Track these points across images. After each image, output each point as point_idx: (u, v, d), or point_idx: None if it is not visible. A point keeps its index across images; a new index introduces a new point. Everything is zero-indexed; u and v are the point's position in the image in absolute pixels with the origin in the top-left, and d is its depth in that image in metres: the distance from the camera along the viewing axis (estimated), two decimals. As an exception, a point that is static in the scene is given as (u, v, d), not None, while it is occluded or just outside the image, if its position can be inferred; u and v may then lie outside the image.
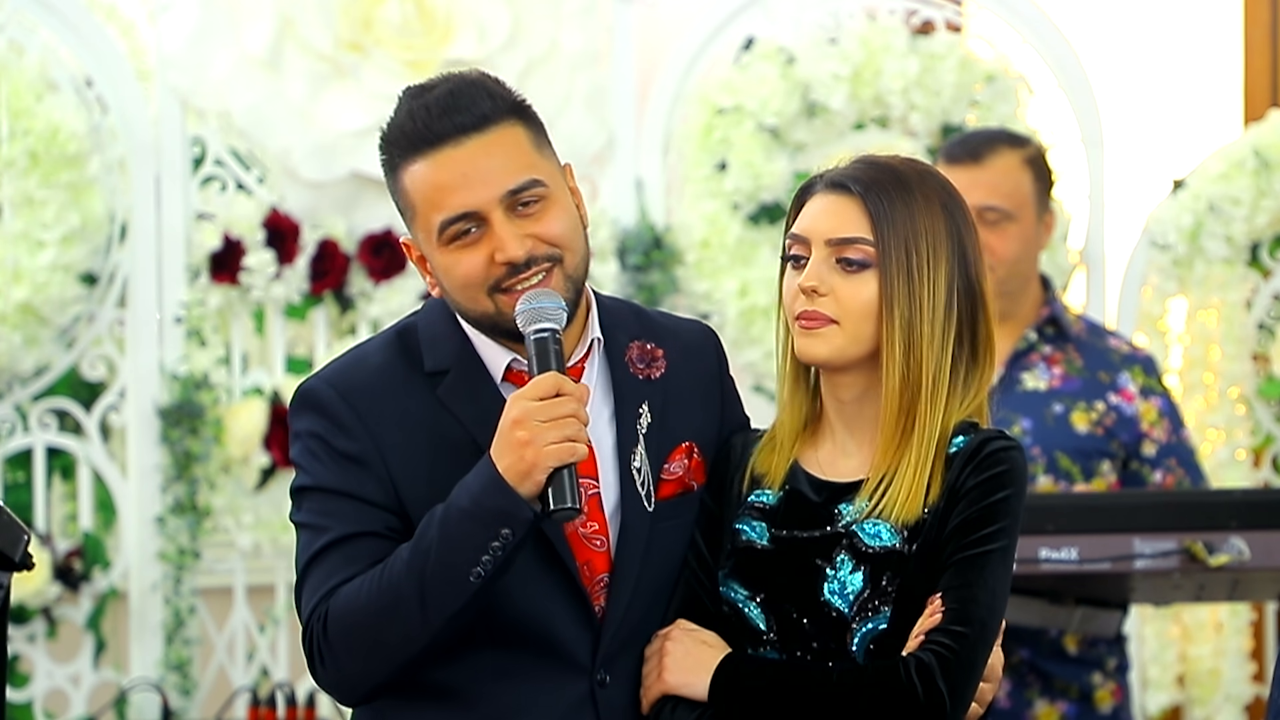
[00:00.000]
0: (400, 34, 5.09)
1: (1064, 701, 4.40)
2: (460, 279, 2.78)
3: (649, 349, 2.91)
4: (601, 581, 2.81)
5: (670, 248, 5.19)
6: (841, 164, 2.86)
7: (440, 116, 2.78)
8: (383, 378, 2.82)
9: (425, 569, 2.67)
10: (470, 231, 2.77)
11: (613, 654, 2.80)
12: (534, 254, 2.76)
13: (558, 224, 2.78)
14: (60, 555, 5.07)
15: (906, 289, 2.76)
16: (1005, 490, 2.75)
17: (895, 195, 2.79)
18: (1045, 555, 3.83)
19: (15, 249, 4.97)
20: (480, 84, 2.81)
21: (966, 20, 5.42)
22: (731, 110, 5.18)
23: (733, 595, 2.83)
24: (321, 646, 2.74)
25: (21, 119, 4.97)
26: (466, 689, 2.79)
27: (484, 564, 2.65)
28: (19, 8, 5.08)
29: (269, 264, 5.12)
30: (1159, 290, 5.26)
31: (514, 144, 2.78)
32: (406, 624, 2.68)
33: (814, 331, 2.79)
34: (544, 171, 2.79)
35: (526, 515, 2.65)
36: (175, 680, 5.08)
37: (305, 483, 2.80)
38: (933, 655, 2.68)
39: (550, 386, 2.67)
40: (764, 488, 2.86)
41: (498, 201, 2.75)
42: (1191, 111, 6.19)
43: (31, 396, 5.13)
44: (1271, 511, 3.91)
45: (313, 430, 2.80)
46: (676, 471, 2.88)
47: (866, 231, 2.78)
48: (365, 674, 2.74)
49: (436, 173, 2.78)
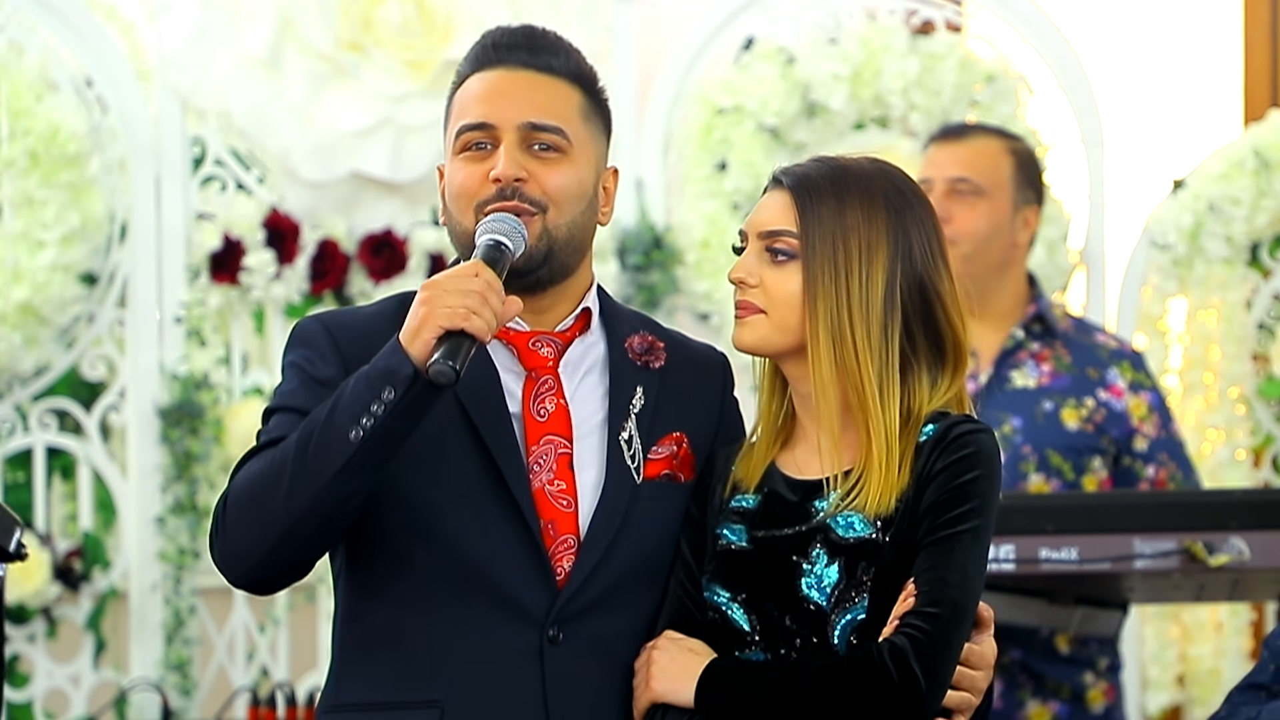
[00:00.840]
0: (400, 34, 5.09)
1: (1056, 701, 4.41)
2: (456, 187, 2.84)
3: (650, 340, 2.95)
4: (566, 542, 2.81)
5: (670, 248, 5.19)
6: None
7: (511, 47, 2.88)
8: (372, 322, 2.86)
9: (313, 431, 2.68)
10: (484, 147, 2.83)
11: (570, 615, 2.80)
12: (523, 189, 2.81)
13: (562, 178, 2.83)
14: (60, 555, 5.07)
15: (833, 283, 2.79)
16: (974, 471, 2.76)
17: (827, 190, 2.82)
18: (1045, 555, 3.83)
19: (15, 249, 4.97)
20: (565, 45, 2.91)
21: (966, 20, 5.42)
22: (731, 110, 5.18)
23: (716, 598, 2.84)
24: (219, 517, 2.76)
25: (21, 119, 4.97)
26: (416, 634, 2.79)
27: (363, 425, 2.65)
28: (19, 8, 5.08)
29: (269, 264, 5.12)
30: (1159, 290, 5.26)
31: (562, 96, 2.87)
32: (289, 485, 2.68)
33: (743, 320, 2.85)
34: (576, 136, 2.85)
35: (407, 371, 2.65)
36: (175, 680, 5.08)
37: (272, 404, 2.85)
38: (905, 638, 2.70)
39: (469, 269, 2.71)
40: (743, 492, 2.88)
41: (515, 126, 2.82)
42: (1191, 111, 6.19)
43: (31, 396, 5.13)
44: (1271, 511, 3.91)
45: (294, 361, 2.86)
46: (664, 453, 2.89)
47: (791, 224, 2.82)
48: (248, 544, 2.73)
49: (480, 85, 2.87)
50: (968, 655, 2.80)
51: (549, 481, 2.82)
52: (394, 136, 5.11)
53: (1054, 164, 5.22)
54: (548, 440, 2.83)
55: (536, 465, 2.82)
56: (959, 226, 4.35)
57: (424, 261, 5.17)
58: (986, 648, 2.84)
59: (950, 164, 4.43)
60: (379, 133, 5.11)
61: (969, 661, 2.81)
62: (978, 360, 4.40)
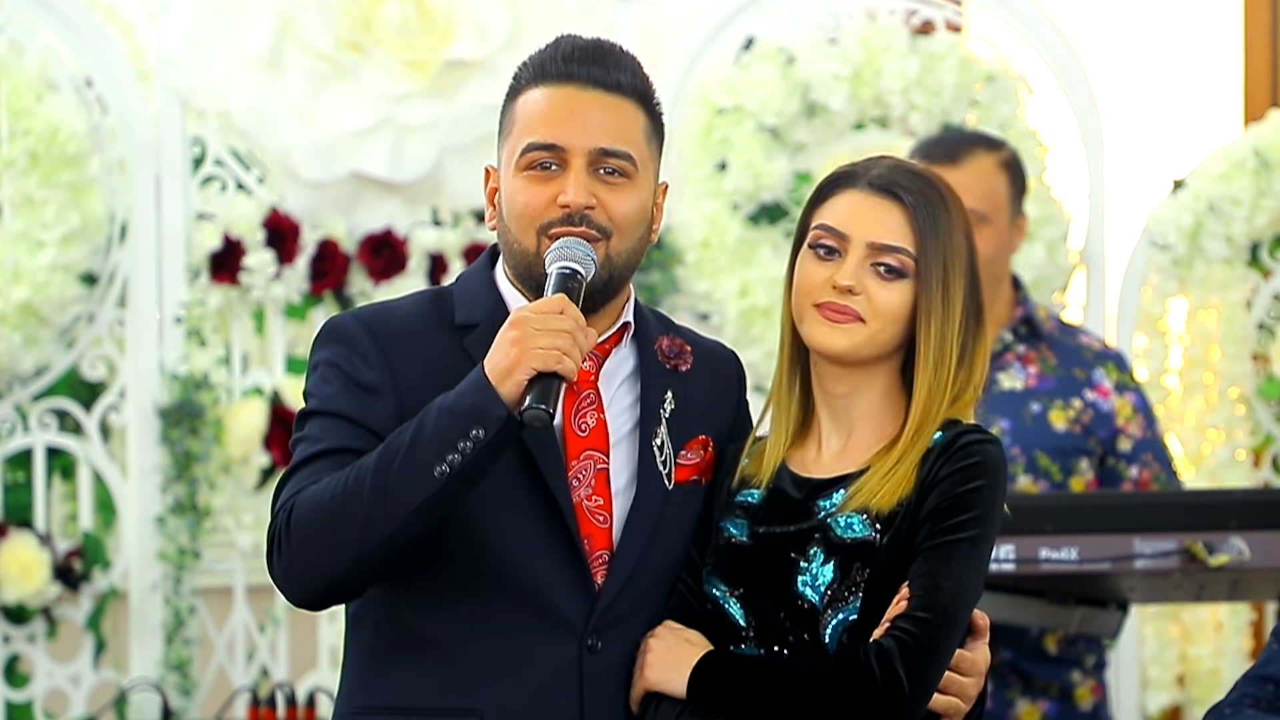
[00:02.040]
0: (400, 34, 5.09)
1: (1045, 700, 4.41)
2: (520, 206, 2.82)
3: (678, 343, 2.96)
4: (601, 558, 2.82)
5: (670, 248, 5.19)
6: (876, 165, 2.90)
7: (582, 61, 2.86)
8: (412, 322, 2.85)
9: (394, 460, 2.66)
10: (550, 167, 2.82)
11: (609, 623, 2.82)
12: (591, 216, 2.80)
13: (627, 204, 2.83)
14: (60, 555, 5.07)
15: (942, 304, 2.83)
16: (978, 481, 2.78)
17: (939, 211, 2.86)
18: (1045, 555, 3.83)
19: (15, 249, 4.97)
20: (630, 59, 2.89)
21: (966, 20, 5.42)
22: (731, 110, 5.18)
23: (714, 592, 2.86)
24: (282, 537, 2.72)
25: (21, 119, 4.97)
26: (455, 642, 2.79)
27: (450, 461, 2.64)
28: (19, 8, 5.08)
29: (269, 264, 5.12)
30: (1159, 290, 5.26)
31: (630, 119, 2.85)
32: (366, 515, 2.66)
33: (839, 325, 2.84)
34: (641, 160, 2.85)
35: (500, 413, 2.64)
36: (175, 680, 5.08)
37: (313, 406, 2.81)
38: (893, 640, 2.71)
39: (555, 304, 2.70)
40: (750, 487, 2.89)
41: (587, 151, 2.81)
42: (1191, 111, 6.19)
43: (31, 396, 5.13)
44: (1271, 511, 3.91)
45: (331, 359, 2.82)
46: (693, 459, 2.91)
47: (910, 243, 2.84)
48: (317, 565, 2.71)
49: (550, 102, 2.83)
50: (958, 661, 2.82)
51: (587, 497, 2.83)
52: (394, 136, 5.10)
53: (1054, 164, 5.22)
54: (587, 455, 2.83)
55: (576, 480, 2.83)
56: None
57: (424, 261, 5.17)
58: (979, 655, 2.86)
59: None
60: (379, 133, 5.10)
61: (959, 668, 2.82)
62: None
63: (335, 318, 2.88)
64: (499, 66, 5.06)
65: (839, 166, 2.93)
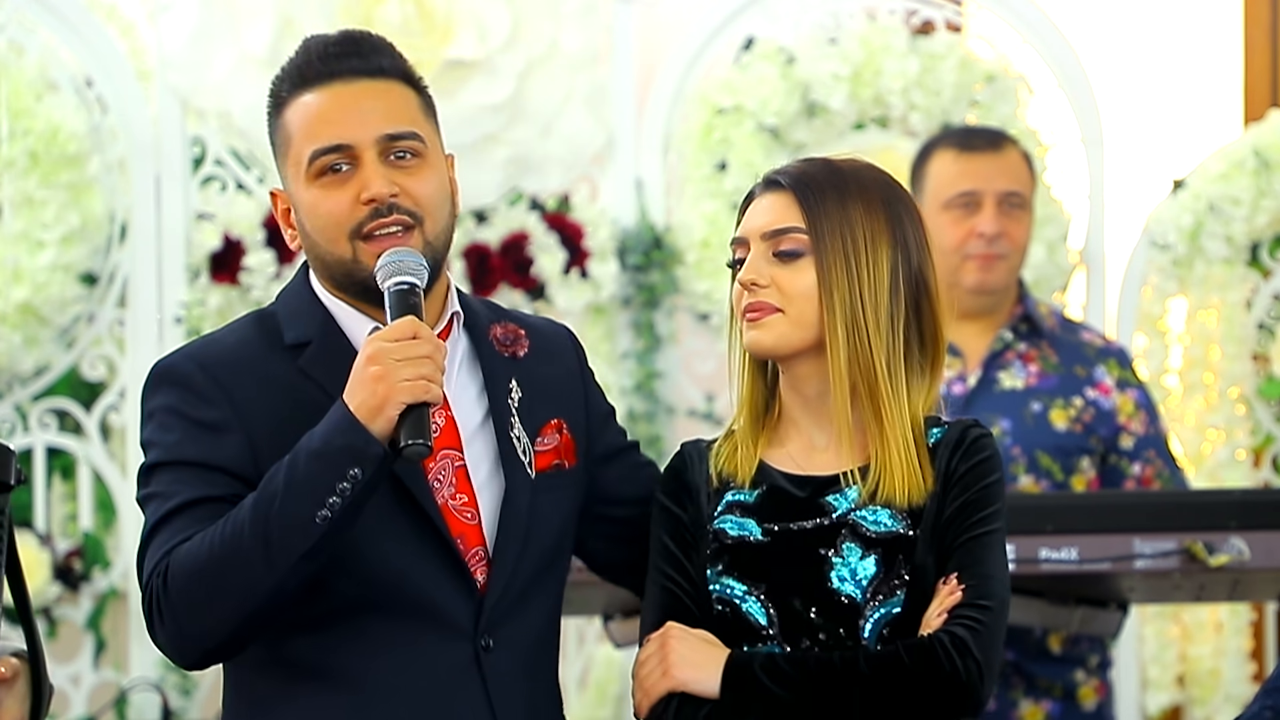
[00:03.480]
0: (400, 34, 5.08)
1: (1049, 700, 4.41)
2: (323, 217, 2.76)
3: (512, 328, 2.91)
4: (476, 554, 2.78)
5: (670, 248, 5.19)
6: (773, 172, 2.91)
7: (338, 57, 2.81)
8: (243, 350, 2.80)
9: (271, 512, 2.60)
10: (341, 169, 2.76)
11: (496, 621, 2.78)
12: (397, 203, 2.75)
13: (427, 184, 2.78)
14: (60, 555, 5.07)
15: (845, 274, 2.81)
16: (994, 475, 2.83)
17: (826, 185, 2.85)
18: (1045, 555, 3.83)
19: (15, 249, 4.97)
20: (381, 42, 2.85)
21: (966, 20, 5.41)
22: (731, 110, 5.18)
23: (729, 592, 2.83)
24: (161, 602, 2.66)
25: (21, 119, 4.97)
26: (347, 665, 2.73)
27: (331, 505, 2.59)
28: (19, 8, 5.08)
29: (269, 264, 5.12)
30: (1159, 290, 5.26)
31: (402, 99, 2.81)
32: (250, 569, 2.61)
33: (759, 322, 2.84)
34: (427, 135, 2.81)
35: (377, 452, 2.60)
36: (175, 680, 5.08)
37: (157, 458, 2.74)
38: (965, 629, 2.74)
39: (408, 329, 2.65)
40: (736, 487, 2.87)
41: (374, 142, 2.76)
42: (1191, 111, 6.18)
43: (31, 396, 5.13)
44: (1271, 511, 3.91)
45: (167, 405, 2.76)
46: (550, 444, 2.87)
47: (798, 220, 2.83)
48: (206, 629, 2.65)
49: (320, 104, 2.78)
50: None
51: (451, 496, 2.78)
52: (394, 136, 5.10)
53: (1054, 164, 5.22)
54: (443, 455, 2.78)
55: (436, 482, 2.78)
56: (1013, 240, 4.38)
57: (424, 261, 5.17)
58: None
59: (999, 177, 4.41)
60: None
61: None
62: (965, 362, 4.41)
63: (162, 360, 2.82)
64: (499, 66, 5.06)
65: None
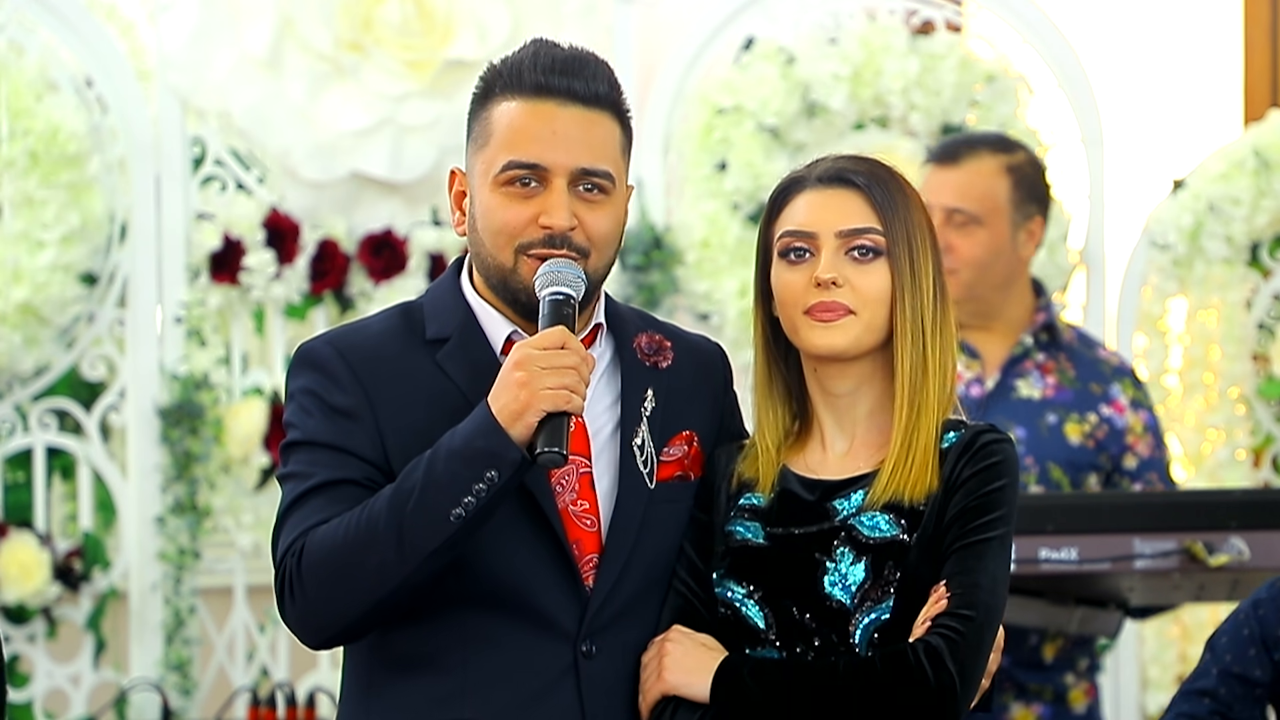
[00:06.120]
0: (400, 34, 5.09)
1: (1039, 704, 4.40)
2: (498, 223, 2.80)
3: (658, 339, 2.94)
4: (591, 561, 2.81)
5: (670, 248, 5.19)
6: (821, 163, 2.90)
7: (561, 73, 2.81)
8: (382, 339, 2.84)
9: (407, 505, 2.67)
10: (529, 184, 2.79)
11: (600, 627, 2.81)
12: (572, 237, 2.79)
13: (605, 224, 2.82)
14: (60, 555, 5.07)
15: (913, 278, 2.82)
16: (1001, 480, 2.80)
17: (893, 187, 2.85)
18: (1045, 555, 3.84)
19: (15, 249, 4.97)
20: (604, 68, 2.86)
21: (966, 20, 5.42)
22: (731, 110, 5.18)
23: (730, 594, 2.84)
24: (294, 580, 2.72)
25: (21, 119, 4.97)
26: (449, 656, 2.78)
27: (466, 505, 2.65)
28: (19, 8, 5.08)
29: (269, 264, 5.12)
30: (1159, 290, 5.25)
31: (608, 134, 2.83)
32: (381, 559, 2.67)
33: (834, 323, 2.82)
34: (618, 173, 2.84)
35: (514, 456, 2.65)
36: (175, 680, 5.08)
37: (295, 438, 2.81)
38: (941, 639, 2.72)
39: (557, 339, 2.69)
40: (753, 491, 2.88)
41: (569, 171, 2.79)
42: (1191, 111, 6.19)
43: (31, 396, 5.13)
44: (1271, 511, 3.91)
45: (307, 387, 2.81)
46: (676, 454, 2.90)
47: (875, 221, 2.83)
48: (334, 610, 2.72)
49: (530, 118, 2.80)
50: None
51: (572, 502, 2.82)
52: (394, 136, 5.11)
53: (1054, 164, 5.21)
54: (571, 461, 2.80)
55: (559, 486, 2.82)
56: (959, 256, 4.30)
57: (424, 261, 5.17)
58: (998, 636, 2.86)
59: (946, 192, 4.35)
60: (379, 133, 5.10)
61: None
62: (984, 365, 4.40)
63: (306, 344, 2.87)
64: (499, 66, 5.05)
65: (784, 178, 2.93)
